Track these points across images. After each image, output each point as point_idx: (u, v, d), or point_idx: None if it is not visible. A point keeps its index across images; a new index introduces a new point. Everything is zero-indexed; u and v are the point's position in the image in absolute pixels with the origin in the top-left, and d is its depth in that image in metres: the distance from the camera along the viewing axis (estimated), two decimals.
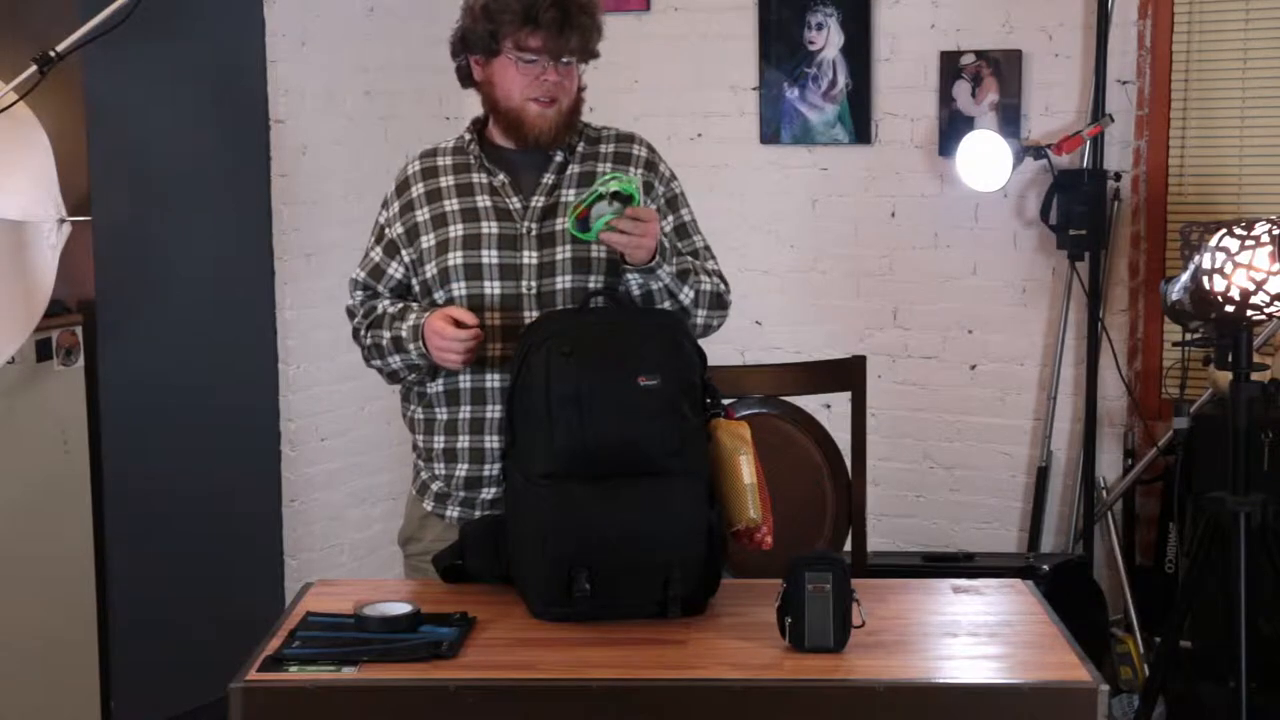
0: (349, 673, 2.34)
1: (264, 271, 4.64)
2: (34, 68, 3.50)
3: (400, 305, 2.85)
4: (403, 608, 2.49)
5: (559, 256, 2.80)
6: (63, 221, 3.91)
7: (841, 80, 5.02)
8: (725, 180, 5.14)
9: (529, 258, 2.80)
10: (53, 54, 3.50)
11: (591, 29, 2.80)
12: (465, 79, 2.91)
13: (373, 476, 5.04)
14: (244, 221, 4.57)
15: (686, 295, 2.80)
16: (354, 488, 4.99)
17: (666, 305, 2.79)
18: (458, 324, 2.71)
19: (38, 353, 3.94)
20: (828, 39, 5.03)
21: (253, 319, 4.62)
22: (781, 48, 5.10)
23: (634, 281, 2.74)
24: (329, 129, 4.83)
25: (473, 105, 2.98)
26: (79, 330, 4.06)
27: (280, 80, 4.63)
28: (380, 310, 2.87)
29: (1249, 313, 3.40)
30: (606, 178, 2.65)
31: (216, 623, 4.29)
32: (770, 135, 5.16)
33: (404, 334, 2.79)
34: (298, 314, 4.72)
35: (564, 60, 2.79)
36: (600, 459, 2.52)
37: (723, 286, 2.90)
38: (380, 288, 2.91)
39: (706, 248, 2.96)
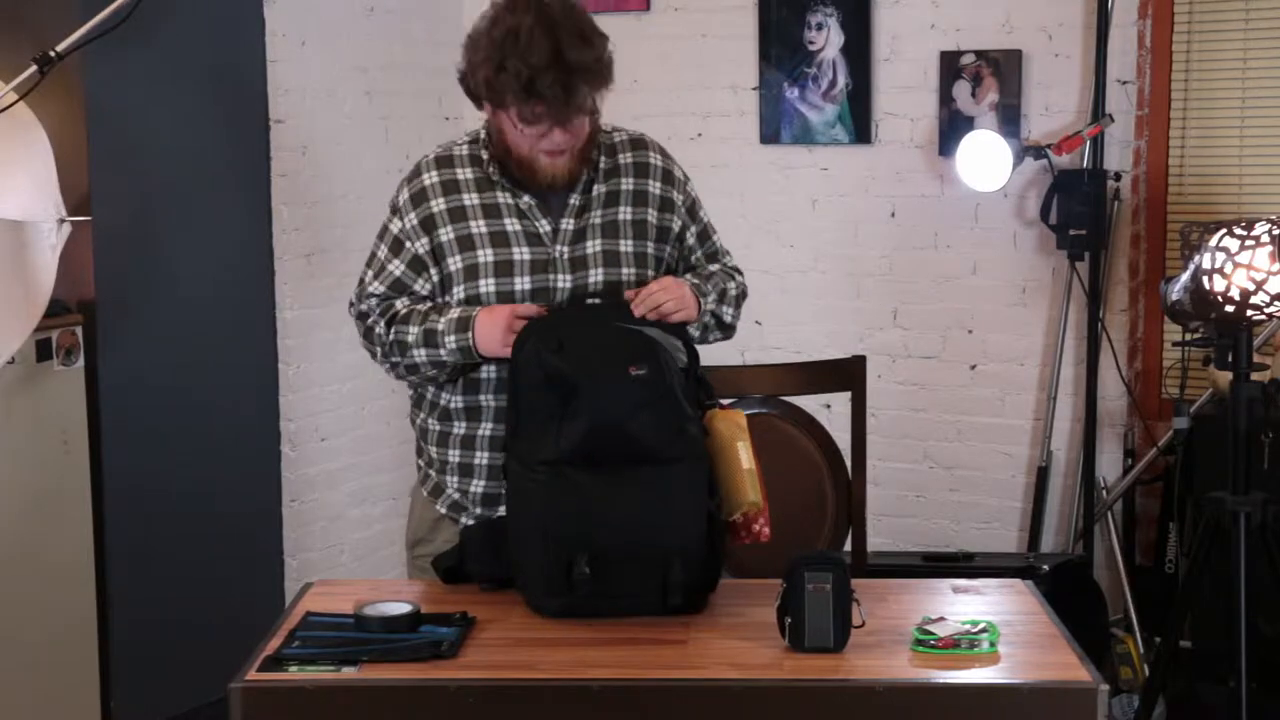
0: (349, 673, 2.35)
1: (264, 271, 4.63)
2: (34, 68, 3.49)
3: (432, 303, 2.78)
4: (403, 607, 2.49)
5: (591, 280, 2.77)
6: (63, 221, 3.90)
7: (841, 80, 5.02)
8: (725, 180, 5.14)
9: (562, 281, 2.76)
10: (53, 54, 3.49)
11: (598, 81, 2.67)
12: (477, 104, 2.78)
13: (373, 476, 5.04)
14: (244, 221, 4.57)
15: (728, 313, 2.87)
16: (354, 488, 4.99)
17: (715, 336, 2.88)
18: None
19: (38, 353, 3.94)
20: (828, 39, 5.03)
21: (253, 319, 4.62)
22: (781, 48, 5.10)
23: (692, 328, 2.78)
24: (329, 129, 4.83)
25: (472, 106, 2.95)
26: (79, 330, 4.06)
27: (280, 80, 4.62)
28: (404, 308, 2.76)
29: (1249, 313, 3.40)
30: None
31: (216, 623, 4.28)
32: (770, 135, 5.16)
33: (440, 326, 2.70)
34: (298, 314, 4.72)
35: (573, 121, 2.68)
36: (598, 452, 2.52)
37: (740, 277, 2.95)
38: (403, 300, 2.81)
39: (720, 243, 2.99)
